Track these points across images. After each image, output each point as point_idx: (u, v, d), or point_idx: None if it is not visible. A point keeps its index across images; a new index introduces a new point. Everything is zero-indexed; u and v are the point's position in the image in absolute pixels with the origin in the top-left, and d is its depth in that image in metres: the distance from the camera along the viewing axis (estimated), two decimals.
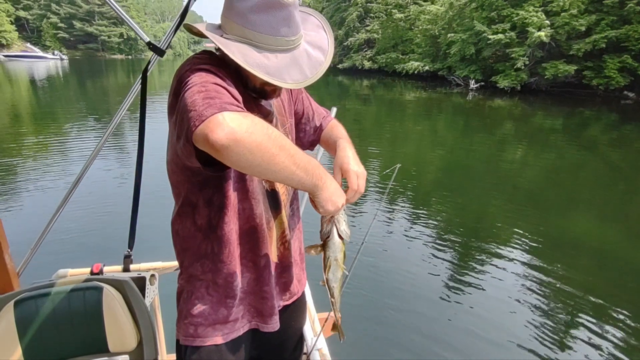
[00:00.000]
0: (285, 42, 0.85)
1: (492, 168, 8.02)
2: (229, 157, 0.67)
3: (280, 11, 0.82)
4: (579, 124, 14.22)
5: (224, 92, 0.73)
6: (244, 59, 0.80)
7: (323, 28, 0.98)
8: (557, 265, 4.02)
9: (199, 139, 0.67)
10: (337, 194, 0.88)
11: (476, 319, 3.12)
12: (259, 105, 0.98)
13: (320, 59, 0.91)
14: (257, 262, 1.01)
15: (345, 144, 1.08)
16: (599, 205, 6.04)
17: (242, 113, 0.69)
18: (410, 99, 20.48)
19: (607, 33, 18.68)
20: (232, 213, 0.94)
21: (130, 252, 1.50)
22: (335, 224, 0.95)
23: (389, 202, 5.50)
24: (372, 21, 39.35)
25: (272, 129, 0.72)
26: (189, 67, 0.81)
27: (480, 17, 23.16)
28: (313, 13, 1.00)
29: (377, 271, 3.73)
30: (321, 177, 0.83)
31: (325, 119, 1.23)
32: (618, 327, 3.06)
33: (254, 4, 0.80)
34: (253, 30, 0.82)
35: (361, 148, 9.21)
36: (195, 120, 0.67)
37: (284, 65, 0.84)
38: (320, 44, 0.93)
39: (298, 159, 0.75)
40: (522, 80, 21.40)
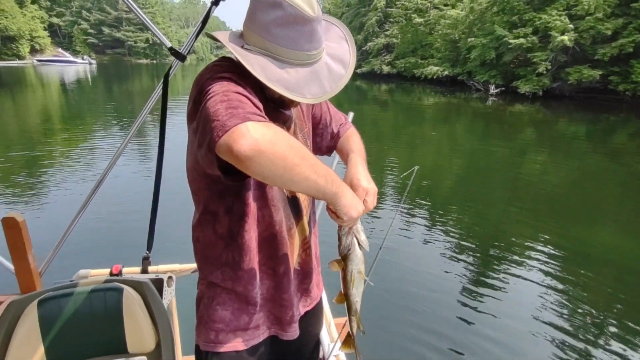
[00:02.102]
0: (307, 57, 0.85)
1: (512, 175, 7.85)
2: (252, 168, 0.67)
3: (303, 26, 0.81)
4: (604, 130, 13.76)
5: (246, 102, 0.73)
6: (263, 73, 0.80)
7: (346, 40, 0.97)
8: (580, 279, 3.89)
9: (223, 150, 0.67)
10: (356, 200, 0.88)
11: (496, 328, 3.07)
12: (278, 112, 0.98)
13: (340, 72, 0.91)
14: (276, 270, 1.01)
15: (357, 158, 1.07)
16: (626, 218, 5.82)
17: (265, 123, 0.70)
18: (429, 104, 20.27)
19: (635, 37, 18.06)
20: (252, 221, 0.94)
21: (148, 254, 1.54)
22: (355, 235, 0.93)
23: (407, 206, 5.45)
24: (391, 26, 39.23)
25: (293, 139, 0.73)
26: (209, 75, 0.81)
27: (501, 22, 22.77)
28: (337, 23, 1.00)
29: (396, 274, 3.70)
30: (340, 185, 0.83)
31: (343, 126, 1.23)
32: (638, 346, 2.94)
33: (277, 18, 0.80)
34: (275, 44, 0.82)
35: (380, 151, 9.16)
36: (219, 130, 0.67)
37: (304, 79, 0.84)
38: (341, 57, 0.93)
39: (318, 168, 0.76)
40: (544, 85, 20.90)
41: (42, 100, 17.22)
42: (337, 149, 1.21)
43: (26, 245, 1.32)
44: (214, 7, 1.42)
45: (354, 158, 1.08)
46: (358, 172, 1.01)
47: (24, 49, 51.14)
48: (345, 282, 0.97)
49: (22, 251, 1.31)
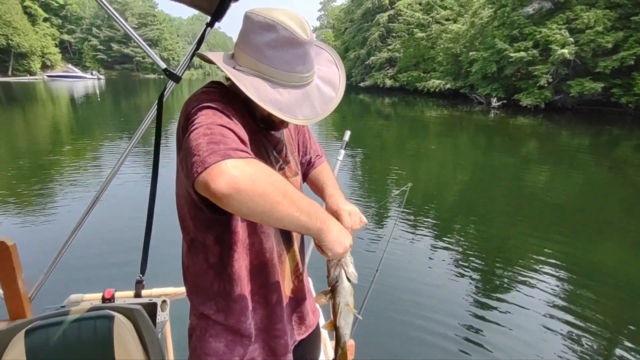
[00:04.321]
0: (299, 79, 0.85)
1: (515, 188, 7.79)
2: (230, 206, 0.67)
3: (297, 49, 0.82)
4: (608, 143, 13.70)
5: (230, 135, 0.72)
6: (256, 94, 0.81)
7: (335, 63, 0.98)
8: (585, 293, 3.81)
9: (200, 187, 0.67)
10: (342, 235, 0.87)
11: (501, 341, 3.01)
12: (268, 134, 0.98)
13: (331, 95, 0.91)
14: (268, 299, 0.99)
15: (332, 190, 1.09)
16: (629, 232, 5.74)
17: (246, 160, 0.69)
18: (431, 117, 20.34)
19: (636, 50, 18.14)
20: (242, 249, 0.93)
21: (142, 278, 1.51)
22: (343, 268, 0.92)
23: (407, 220, 5.40)
24: (393, 40, 39.75)
25: (276, 176, 0.72)
26: (196, 104, 0.80)
27: (502, 35, 22.99)
28: (326, 48, 1.01)
29: (395, 292, 3.63)
30: (325, 220, 0.82)
31: (319, 157, 1.24)
32: None
33: (271, 40, 0.81)
34: (268, 65, 0.82)
35: (383, 165, 9.16)
36: (198, 166, 0.67)
37: (296, 101, 0.85)
38: (331, 80, 0.94)
39: (302, 204, 0.75)
40: (546, 98, 20.94)
41: (49, 115, 17.47)
42: (310, 178, 1.22)
43: (16, 270, 1.30)
44: (209, 28, 1.43)
45: (329, 190, 1.10)
46: (338, 201, 1.03)
47: (36, 65, 52.22)
48: (333, 314, 0.95)
49: (11, 276, 1.29)
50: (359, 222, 1.01)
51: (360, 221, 1.03)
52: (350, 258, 0.93)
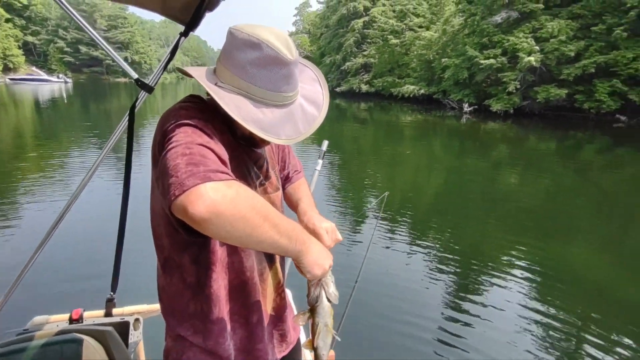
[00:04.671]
0: (283, 98, 0.84)
1: (488, 192, 8.02)
2: (209, 230, 0.64)
3: (281, 68, 0.81)
4: (573, 147, 14.36)
5: (209, 156, 0.70)
6: (238, 113, 0.78)
7: (319, 82, 0.97)
8: (554, 292, 3.96)
9: (178, 211, 0.65)
10: (322, 256, 0.85)
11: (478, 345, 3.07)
12: (249, 151, 0.96)
13: (314, 114, 0.90)
14: (249, 319, 0.96)
15: (306, 207, 1.08)
16: (595, 232, 6.02)
17: (227, 182, 0.67)
18: (406, 122, 20.72)
19: (596, 58, 19.16)
20: (221, 269, 0.90)
21: (113, 296, 1.45)
22: (323, 287, 0.90)
23: (384, 226, 5.45)
24: (368, 46, 40.33)
25: (257, 198, 0.70)
26: (174, 119, 0.77)
27: (473, 43, 23.76)
28: (310, 66, 1.01)
29: (374, 298, 3.64)
30: (305, 241, 0.80)
31: (297, 173, 1.23)
32: None
33: (255, 58, 0.79)
34: (251, 84, 0.80)
35: (359, 170, 9.23)
36: (176, 189, 0.64)
37: (279, 120, 0.83)
38: (315, 99, 0.93)
39: (282, 227, 0.73)
40: (514, 103, 21.76)
41: (11, 120, 16.63)
42: (286, 194, 1.20)
43: None
44: (182, 38, 1.40)
45: (303, 207, 1.09)
46: (313, 217, 1.02)
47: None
48: (312, 333, 0.93)
49: None
50: (334, 239, 1.01)
51: (335, 239, 1.02)
52: (331, 277, 0.92)
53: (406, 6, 36.14)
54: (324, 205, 5.75)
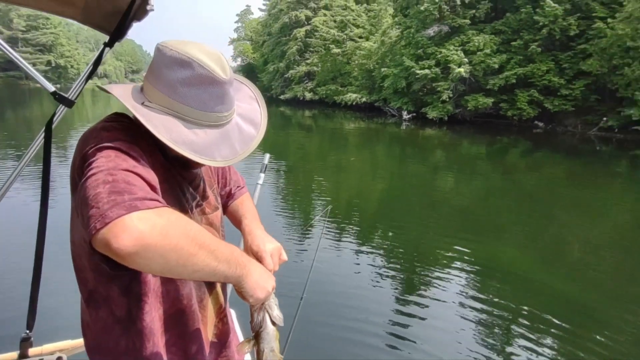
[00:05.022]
0: (217, 118, 0.79)
1: (427, 194, 8.45)
2: (137, 263, 0.59)
3: (214, 88, 0.76)
4: (500, 151, 15.66)
5: (136, 182, 0.64)
6: (168, 135, 0.73)
7: (256, 100, 0.94)
8: (489, 288, 4.27)
9: (100, 245, 0.58)
10: (264, 278, 0.82)
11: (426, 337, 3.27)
12: (183, 171, 0.90)
13: (252, 133, 0.87)
14: (187, 350, 0.89)
15: (252, 223, 1.04)
16: (520, 229, 6.58)
17: (156, 210, 0.61)
18: (350, 129, 21.25)
19: (516, 70, 21.16)
20: (154, 299, 0.82)
21: (29, 334, 1.28)
22: (267, 311, 0.86)
23: (328, 239, 5.47)
24: (311, 55, 40.88)
25: (191, 225, 0.65)
26: (95, 142, 0.69)
27: (409, 54, 25.08)
28: (247, 83, 0.97)
29: (324, 305, 3.65)
30: (245, 264, 0.76)
31: (239, 189, 1.19)
32: (537, 343, 3.27)
33: (186, 77, 0.74)
34: (182, 104, 0.75)
35: (304, 179, 9.25)
36: (97, 221, 0.58)
37: (214, 141, 0.79)
38: (252, 117, 0.89)
39: (220, 252, 0.69)
40: (448, 111, 23.27)
41: None
42: (229, 211, 1.16)
43: None
44: (107, 49, 1.30)
45: (247, 225, 1.04)
46: (258, 240, 0.98)
47: None
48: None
49: None
50: (278, 262, 0.97)
51: (280, 259, 0.99)
52: (274, 300, 0.89)
53: (346, 17, 37.27)
54: (268, 219, 5.63)
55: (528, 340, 3.34)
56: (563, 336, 3.43)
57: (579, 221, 7.02)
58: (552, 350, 3.25)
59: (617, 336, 3.42)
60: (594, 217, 7.31)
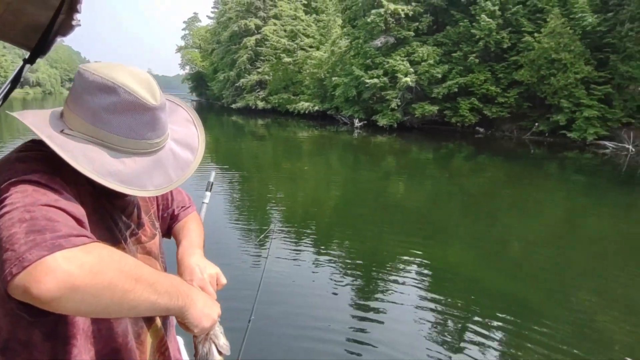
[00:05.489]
0: (148, 145, 0.74)
1: (380, 199, 8.67)
2: (64, 308, 0.54)
3: (143, 114, 0.71)
4: (446, 156, 16.51)
5: (58, 218, 0.58)
6: (91, 167, 0.67)
7: (193, 123, 0.89)
8: (440, 287, 4.46)
9: (17, 292, 0.52)
10: (208, 306, 0.78)
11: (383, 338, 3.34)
12: (113, 199, 0.83)
13: (188, 159, 0.82)
14: None
15: (185, 252, 0.98)
16: (466, 230, 6.95)
17: (84, 247, 0.56)
18: (303, 137, 21.36)
19: (457, 80, 22.51)
20: (85, 340, 0.73)
21: None
22: (213, 341, 0.82)
23: (282, 251, 5.43)
24: (262, 64, 40.68)
25: (125, 260, 0.61)
26: (8, 176, 0.62)
27: (358, 64, 25.79)
28: (182, 105, 0.92)
29: (279, 315, 3.59)
30: (187, 294, 0.72)
31: (184, 209, 1.13)
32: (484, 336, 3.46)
33: (110, 104, 0.68)
34: (107, 131, 0.69)
35: (257, 189, 9.12)
36: (13, 265, 0.51)
37: (145, 169, 0.74)
38: (189, 142, 0.85)
39: (160, 285, 0.65)
40: (397, 119, 24.17)
41: None
42: (173, 234, 1.11)
43: None
44: (27, 66, 1.19)
45: (183, 250, 0.99)
46: (190, 266, 0.93)
47: None
48: None
49: None
50: (215, 287, 0.93)
51: (218, 285, 0.94)
52: (219, 328, 0.85)
53: (296, 27, 37.61)
54: (216, 237, 5.32)
55: (477, 334, 3.53)
56: (508, 328, 3.67)
57: (517, 220, 7.55)
58: (500, 342, 3.46)
59: (554, 324, 3.71)
60: (530, 215, 7.91)
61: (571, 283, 4.79)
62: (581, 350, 3.37)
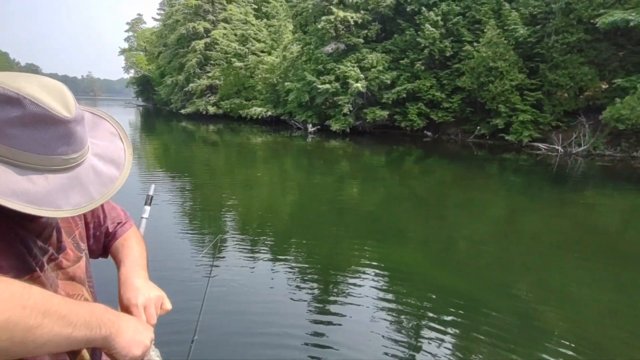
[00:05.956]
0: (62, 161, 0.67)
1: (336, 203, 8.74)
2: None
3: (55, 128, 0.64)
4: (397, 159, 17.07)
5: None
6: None
7: (119, 136, 0.83)
8: (396, 289, 4.55)
9: None
10: (139, 332, 0.72)
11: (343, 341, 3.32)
12: (26, 222, 0.74)
13: (113, 174, 0.76)
14: None
15: (127, 272, 0.92)
16: (418, 231, 7.21)
17: None
18: (257, 143, 21.08)
19: (405, 86, 23.44)
20: None
21: None
22: None
23: (225, 267, 5.28)
24: (212, 68, 39.73)
25: (29, 292, 0.54)
26: None
27: (310, 69, 26.02)
28: (108, 118, 0.85)
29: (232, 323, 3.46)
30: (113, 322, 0.66)
31: (121, 225, 1.05)
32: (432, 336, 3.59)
33: (15, 117, 0.61)
34: (12, 147, 0.62)
35: (210, 197, 8.81)
36: None
37: (59, 188, 0.66)
38: (113, 156, 0.78)
39: (74, 316, 0.58)
40: (350, 123, 24.66)
41: None
42: (111, 253, 1.03)
43: None
44: None
45: (125, 271, 0.92)
46: (130, 288, 0.86)
47: None
48: None
49: None
50: (159, 311, 0.86)
51: (161, 309, 0.88)
52: (155, 352, 0.78)
53: (247, 31, 37.21)
54: (158, 254, 4.83)
55: (431, 329, 3.68)
56: (458, 321, 3.83)
57: (463, 219, 7.95)
58: (452, 335, 3.60)
59: (500, 315, 3.94)
60: (475, 214, 8.36)
61: (513, 277, 5.11)
62: (524, 338, 3.62)
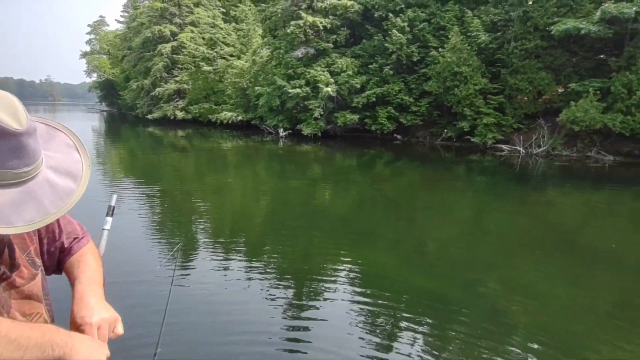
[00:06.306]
0: (13, 176, 0.65)
1: (309, 206, 8.75)
2: None
3: (7, 140, 0.62)
4: (368, 162, 17.31)
5: None
6: None
7: (76, 148, 0.80)
8: (370, 288, 4.61)
9: None
10: (94, 350, 0.70)
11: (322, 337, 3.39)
12: None
13: (69, 187, 0.73)
14: None
15: (83, 290, 0.89)
16: (389, 232, 7.32)
17: None
18: (227, 148, 20.77)
19: (375, 90, 23.85)
20: None
21: None
22: None
23: (190, 275, 5.01)
24: (180, 72, 38.83)
25: None
26: None
27: (280, 74, 25.96)
28: (63, 130, 0.82)
29: (204, 328, 3.37)
30: (66, 342, 0.64)
31: (77, 240, 1.01)
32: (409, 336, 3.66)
33: None
34: None
35: (178, 204, 8.59)
36: None
37: (11, 203, 0.64)
38: (70, 169, 0.76)
39: (25, 339, 0.57)
40: (321, 127, 24.77)
41: None
42: (65, 269, 0.99)
43: None
44: None
45: (81, 289, 0.89)
46: (85, 307, 0.84)
47: None
48: None
49: None
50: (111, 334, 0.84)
51: (113, 333, 0.85)
52: None
53: (215, 35, 36.66)
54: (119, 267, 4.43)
55: (404, 329, 3.76)
56: (429, 319, 3.93)
57: (433, 221, 8.16)
58: (423, 333, 3.70)
59: (470, 312, 4.08)
60: (444, 215, 8.60)
61: (480, 275, 5.29)
62: (493, 333, 3.76)
